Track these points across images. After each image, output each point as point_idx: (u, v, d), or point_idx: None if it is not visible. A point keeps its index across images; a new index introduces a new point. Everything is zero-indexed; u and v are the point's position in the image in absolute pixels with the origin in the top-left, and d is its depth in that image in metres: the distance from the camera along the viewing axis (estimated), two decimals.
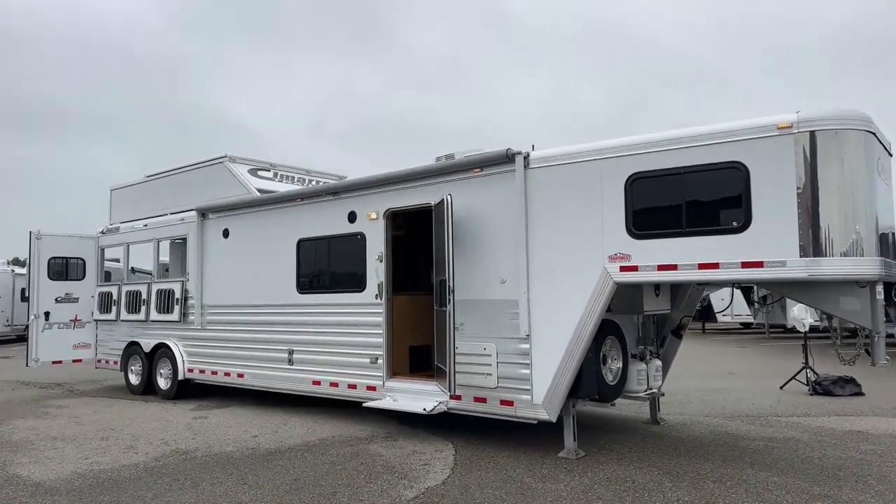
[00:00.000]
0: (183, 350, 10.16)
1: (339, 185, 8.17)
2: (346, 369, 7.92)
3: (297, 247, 8.64)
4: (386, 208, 7.63)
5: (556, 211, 6.17)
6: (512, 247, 6.44)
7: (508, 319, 6.43)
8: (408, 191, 7.47)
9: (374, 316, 7.68)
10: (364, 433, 7.40)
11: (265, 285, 9.00)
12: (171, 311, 10.31)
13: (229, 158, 10.06)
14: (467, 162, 6.84)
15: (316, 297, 8.39)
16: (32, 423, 8.43)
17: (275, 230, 8.93)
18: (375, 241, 7.72)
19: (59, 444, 7.20)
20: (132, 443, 7.15)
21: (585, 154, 6.04)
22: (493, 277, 6.58)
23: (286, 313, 8.71)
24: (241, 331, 9.28)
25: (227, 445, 6.94)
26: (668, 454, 6.25)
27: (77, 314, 12.01)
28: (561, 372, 6.02)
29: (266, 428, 7.80)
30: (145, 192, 11.58)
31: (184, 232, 10.33)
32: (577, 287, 5.98)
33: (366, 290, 7.79)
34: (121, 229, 11.64)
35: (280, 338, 8.74)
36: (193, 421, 8.35)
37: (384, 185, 7.67)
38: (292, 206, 8.74)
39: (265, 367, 8.90)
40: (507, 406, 6.39)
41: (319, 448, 6.74)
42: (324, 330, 8.23)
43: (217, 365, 9.60)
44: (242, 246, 9.39)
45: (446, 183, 7.05)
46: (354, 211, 7.97)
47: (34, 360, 11.46)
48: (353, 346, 7.86)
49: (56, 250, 11.82)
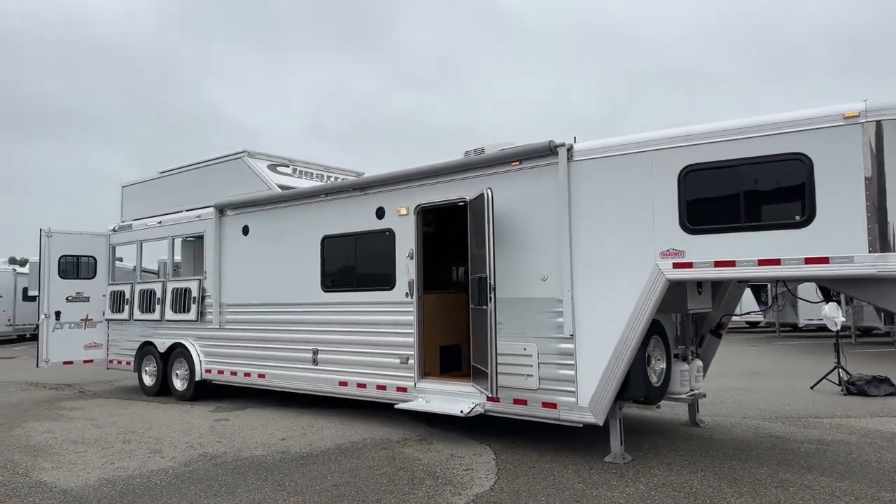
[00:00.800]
0: (200, 350, 9.90)
1: (365, 180, 7.92)
2: (374, 370, 7.68)
3: (321, 244, 8.39)
4: (416, 204, 7.39)
5: (602, 205, 5.93)
6: (554, 243, 6.19)
7: (550, 318, 6.19)
8: (440, 186, 7.22)
9: (403, 315, 7.44)
10: (395, 436, 7.15)
11: (287, 283, 8.75)
12: (188, 310, 10.05)
13: (248, 154, 9.80)
14: (506, 155, 6.59)
15: (342, 296, 8.14)
16: (48, 426, 8.17)
17: (297, 227, 8.68)
18: (405, 237, 7.48)
19: (81, 447, 6.94)
20: (156, 446, 6.89)
21: (634, 145, 5.80)
22: (533, 275, 6.33)
23: (310, 312, 8.45)
24: (262, 330, 9.03)
25: (255, 449, 6.69)
26: (718, 458, 6.01)
27: (88, 313, 11.75)
28: (608, 373, 5.78)
29: (293, 430, 7.55)
30: (159, 188, 11.31)
31: (200, 229, 10.07)
32: (625, 285, 5.74)
33: (395, 289, 7.54)
34: (133, 227, 11.37)
35: (304, 337, 8.49)
36: (215, 423, 8.10)
37: (415, 179, 7.42)
38: (316, 203, 8.49)
39: (288, 368, 8.65)
40: (550, 409, 6.15)
41: (352, 451, 6.49)
42: (350, 329, 7.98)
43: (236, 365, 9.34)
44: (263, 243, 9.13)
45: (482, 177, 6.81)
46: (382, 207, 7.72)
47: (45, 361, 11.20)
48: (382, 345, 7.61)
49: (67, 248, 11.56)
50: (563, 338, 6.07)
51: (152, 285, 10.80)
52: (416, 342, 7.32)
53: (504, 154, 6.59)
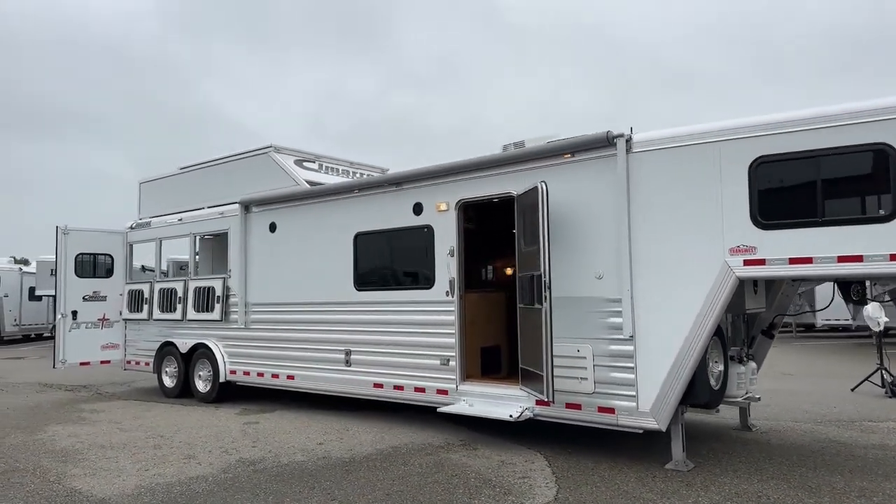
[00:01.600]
0: (224, 350, 9.62)
1: (402, 174, 7.62)
2: (412, 371, 7.39)
3: (353, 241, 8.10)
4: (458, 199, 7.10)
5: (665, 199, 5.64)
6: (610, 239, 5.91)
7: (606, 318, 5.90)
8: (483, 180, 6.93)
9: (444, 314, 7.15)
10: (437, 440, 6.87)
11: (318, 282, 8.46)
12: (212, 309, 9.77)
13: (274, 149, 9.51)
14: (557, 147, 6.31)
15: (376, 295, 7.85)
16: (72, 430, 7.88)
17: (329, 223, 8.39)
18: (445, 234, 7.19)
19: (110, 452, 6.66)
20: (189, 451, 6.61)
21: (700, 136, 5.51)
22: (587, 272, 6.04)
23: (342, 311, 8.17)
24: (291, 330, 8.74)
25: (294, 454, 6.40)
26: (785, 465, 5.72)
27: (105, 313, 11.46)
28: (672, 377, 5.49)
29: (329, 434, 7.26)
30: (179, 185, 11.02)
31: (224, 226, 9.79)
32: (691, 283, 5.45)
33: (434, 287, 7.26)
34: (152, 224, 11.08)
35: (335, 337, 8.21)
36: (246, 426, 7.81)
37: (456, 174, 7.13)
38: (349, 198, 8.19)
39: (319, 369, 8.36)
40: (607, 414, 5.86)
41: (396, 457, 6.21)
42: (386, 329, 7.69)
43: (263, 366, 9.06)
44: (291, 240, 8.85)
45: (530, 171, 6.52)
46: (420, 202, 7.44)
47: (61, 362, 10.91)
48: (421, 346, 7.33)
49: (83, 246, 11.27)
50: (621, 339, 5.78)
51: (173, 284, 10.51)
52: (458, 343, 7.03)
53: (555, 146, 6.31)
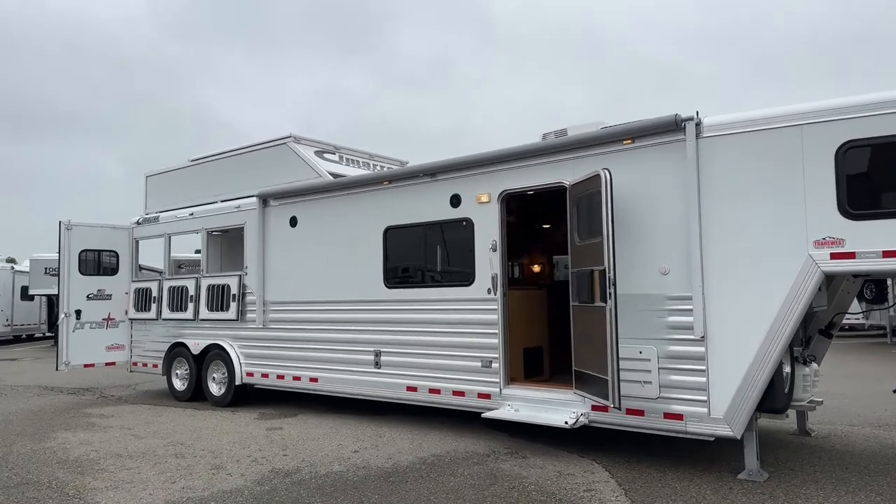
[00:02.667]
0: (240, 352, 9.12)
1: (439, 164, 7.16)
2: (450, 374, 6.94)
3: (383, 236, 7.64)
4: (501, 190, 6.66)
5: (739, 188, 5.22)
6: (677, 231, 5.48)
7: (673, 317, 5.48)
8: (529, 169, 6.49)
9: (485, 313, 6.71)
10: (480, 448, 6.42)
11: (344, 279, 7.99)
12: (227, 308, 9.27)
13: (294, 138, 9.03)
14: (616, 132, 5.87)
15: (409, 292, 7.39)
16: (83, 437, 7.37)
17: (356, 217, 7.92)
18: (486, 227, 6.75)
19: (129, 462, 6.16)
20: (215, 461, 6.13)
21: (779, 119, 5.09)
22: (650, 268, 5.61)
23: (371, 310, 7.70)
24: (313, 330, 8.27)
25: (331, 464, 5.93)
26: (865, 473, 5.32)
27: (110, 312, 10.93)
28: (749, 381, 5.07)
29: (362, 441, 6.79)
30: (189, 177, 10.51)
31: (240, 221, 9.29)
32: (770, 279, 5.03)
33: (474, 284, 6.81)
34: (161, 219, 10.56)
35: (363, 338, 7.74)
36: (270, 432, 7.33)
37: (499, 163, 6.69)
38: (378, 191, 7.73)
39: (345, 371, 7.89)
40: (674, 420, 5.43)
41: (441, 466, 5.76)
42: (419, 329, 7.24)
43: (283, 368, 8.57)
44: (314, 235, 8.37)
45: (584, 158, 6.09)
46: (458, 194, 6.99)
47: (64, 364, 10.37)
48: (460, 347, 6.88)
49: (87, 242, 10.73)
50: (690, 340, 5.36)
51: (184, 282, 10.00)
52: (501, 344, 6.59)
53: (616, 131, 5.87)
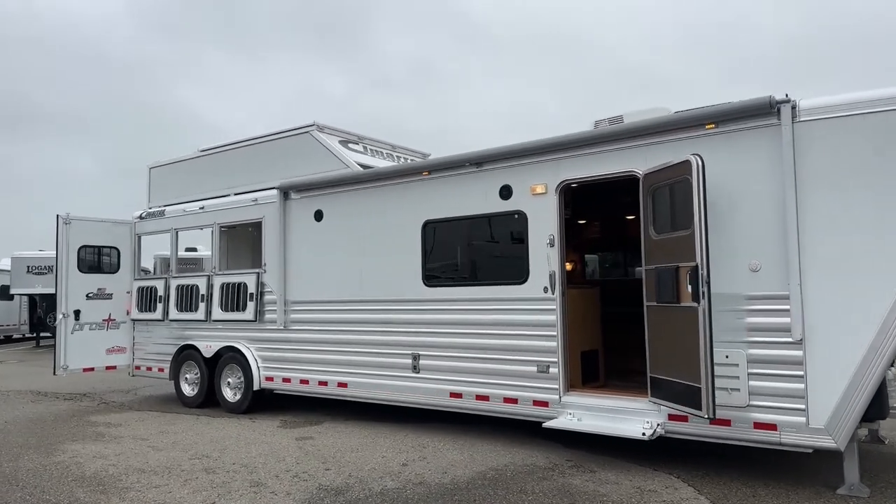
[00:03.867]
0: (257, 354, 8.52)
1: (486, 153, 6.63)
2: (501, 379, 6.42)
3: (422, 230, 7.10)
4: (560, 180, 6.15)
5: (842, 176, 4.77)
6: (769, 224, 5.02)
7: (764, 318, 5.01)
8: (592, 157, 6.00)
9: (541, 314, 6.20)
10: (539, 460, 5.91)
11: (376, 277, 7.44)
12: (244, 308, 8.65)
13: (317, 127, 8.45)
14: (696, 116, 5.39)
15: (451, 291, 6.86)
16: (95, 449, 6.74)
17: (390, 211, 7.37)
18: (542, 220, 6.24)
19: (156, 479, 5.56)
20: (252, 476, 5.54)
21: (889, 101, 4.64)
22: (737, 264, 5.14)
23: (408, 310, 7.16)
24: (341, 331, 7.70)
25: (383, 479, 5.38)
26: None
27: (111, 313, 10.25)
28: (855, 388, 4.62)
29: (406, 453, 6.25)
30: (198, 169, 9.87)
31: (257, 215, 8.68)
32: (879, 277, 4.59)
33: (528, 282, 6.30)
34: (167, 213, 9.91)
35: (399, 340, 7.20)
36: (300, 443, 6.75)
37: (556, 151, 6.18)
38: (416, 182, 7.19)
39: (378, 376, 7.34)
40: (766, 431, 4.96)
41: (505, 481, 5.24)
42: (464, 330, 6.71)
43: (307, 372, 7.99)
44: (342, 230, 7.80)
45: (659, 144, 5.61)
46: (509, 185, 6.47)
47: (62, 368, 9.68)
48: (512, 350, 6.37)
49: (87, 238, 10.04)
50: (787, 343, 4.90)
51: (194, 280, 9.36)
52: (561, 347, 6.08)
53: (696, 115, 5.39)
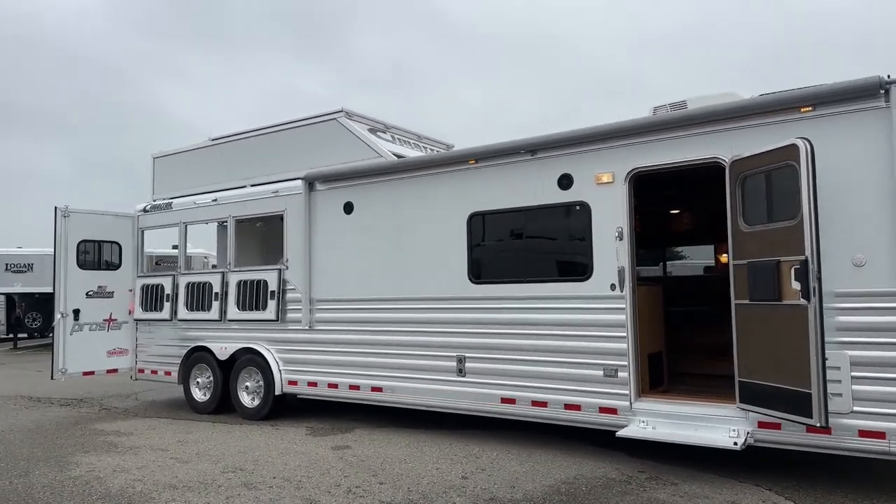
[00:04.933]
0: (279, 357, 7.94)
1: (541, 139, 6.16)
2: (561, 384, 5.96)
3: (467, 223, 6.61)
4: (630, 168, 5.71)
5: None
6: (875, 215, 4.62)
7: (872, 317, 4.62)
8: (667, 143, 5.56)
9: (607, 313, 5.74)
10: (609, 471, 5.45)
11: (415, 274, 6.93)
12: (264, 307, 8.07)
13: (345, 114, 7.91)
14: (790, 98, 4.98)
15: (502, 289, 6.37)
16: (112, 461, 6.13)
17: (431, 203, 6.87)
18: (608, 212, 5.79)
19: (192, 497, 4.99)
20: (301, 493, 5.00)
21: None
22: (839, 258, 4.74)
23: (452, 309, 6.66)
24: (375, 332, 7.18)
25: (448, 494, 4.88)
26: None
27: (112, 312, 9.59)
28: None
29: (460, 464, 5.74)
30: (209, 159, 9.25)
31: (278, 207, 8.11)
32: None
33: (591, 279, 5.84)
34: (174, 206, 9.27)
35: (443, 341, 6.69)
36: (339, 453, 6.22)
37: (625, 136, 5.74)
38: (460, 171, 6.69)
39: (418, 379, 6.83)
40: (873, 439, 4.56)
41: (586, 498, 4.77)
42: (517, 331, 6.23)
43: (336, 376, 7.44)
44: (375, 223, 7.27)
45: (743, 129, 5.19)
46: (569, 174, 6.01)
47: (61, 371, 9.00)
48: (574, 352, 5.90)
49: (87, 232, 9.37)
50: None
51: (207, 277, 8.75)
52: (631, 349, 5.63)
53: (791, 96, 4.98)
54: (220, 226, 10.15)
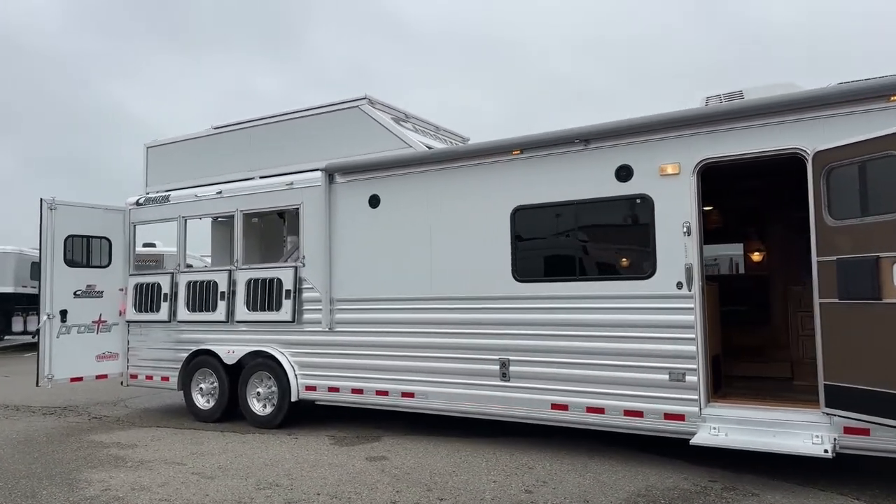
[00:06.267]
0: (294, 360, 7.41)
1: (596, 128, 5.79)
2: (620, 389, 5.60)
3: (511, 218, 6.21)
4: (699, 159, 5.38)
5: None
6: None
7: None
8: (739, 133, 5.25)
9: (674, 313, 5.41)
10: (679, 482, 5.11)
11: (452, 272, 6.49)
12: (278, 307, 7.52)
13: (369, 101, 7.42)
14: (875, 86, 4.71)
15: (550, 287, 5.99)
16: (126, 478, 5.53)
17: (469, 196, 6.45)
18: (673, 206, 5.46)
19: None
20: None
21: None
22: None
23: (495, 310, 6.25)
24: (406, 333, 6.72)
25: None
26: None
27: (101, 313, 8.90)
28: None
29: (519, 476, 5.33)
30: (211, 150, 8.65)
31: (294, 200, 7.57)
32: None
33: (655, 277, 5.50)
34: (172, 198, 8.63)
35: (484, 343, 6.28)
36: (379, 465, 5.74)
37: (694, 125, 5.41)
38: (503, 162, 6.29)
39: (456, 384, 6.39)
40: None
41: None
42: (569, 332, 5.85)
43: (361, 381, 6.96)
44: (405, 218, 6.81)
45: (824, 118, 4.91)
46: (629, 165, 5.66)
47: (47, 378, 8.28)
48: (634, 355, 5.55)
49: (74, 226, 8.67)
50: None
51: (211, 276, 8.15)
52: (701, 351, 5.30)
53: (875, 85, 4.71)
54: (214, 221, 9.58)
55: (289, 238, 9.31)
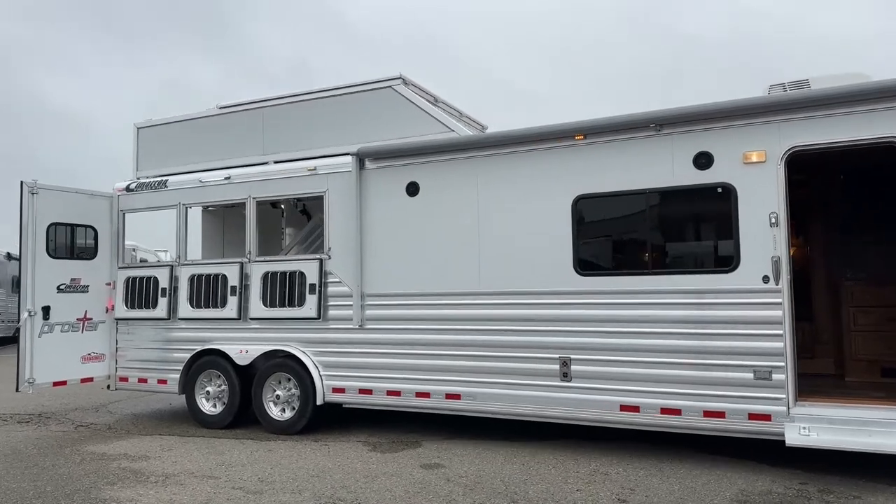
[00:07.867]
0: (318, 360, 6.83)
1: (673, 112, 5.46)
2: (698, 389, 5.29)
3: (572, 207, 5.83)
4: (787, 147, 5.13)
5: None
6: None
7: None
8: (831, 120, 5.02)
9: (758, 308, 5.13)
10: (768, 485, 4.84)
11: (504, 265, 6.06)
12: (300, 303, 6.91)
13: (404, 81, 6.90)
14: None
15: (617, 282, 5.64)
16: (158, 495, 4.88)
17: (523, 184, 6.03)
18: (758, 195, 5.18)
19: None
20: None
21: None
22: None
23: (554, 305, 5.85)
24: (451, 331, 6.25)
25: None
26: None
27: (87, 310, 8.07)
28: None
29: (602, 484, 4.95)
30: (215, 131, 7.94)
31: (318, 187, 6.98)
32: None
33: (739, 270, 5.21)
34: (171, 184, 7.89)
35: (541, 340, 5.87)
36: (439, 473, 5.26)
37: (783, 111, 5.15)
38: (563, 148, 5.90)
39: (509, 385, 5.97)
40: None
41: None
42: (638, 329, 5.52)
43: (398, 382, 6.45)
44: (448, 207, 6.34)
45: None
46: (709, 152, 5.36)
47: (28, 383, 7.42)
48: (713, 353, 5.25)
49: (58, 213, 7.82)
50: None
51: (220, 269, 7.46)
52: (789, 348, 5.05)
53: None
54: (205, 210, 8.87)
55: (287, 230, 8.70)
